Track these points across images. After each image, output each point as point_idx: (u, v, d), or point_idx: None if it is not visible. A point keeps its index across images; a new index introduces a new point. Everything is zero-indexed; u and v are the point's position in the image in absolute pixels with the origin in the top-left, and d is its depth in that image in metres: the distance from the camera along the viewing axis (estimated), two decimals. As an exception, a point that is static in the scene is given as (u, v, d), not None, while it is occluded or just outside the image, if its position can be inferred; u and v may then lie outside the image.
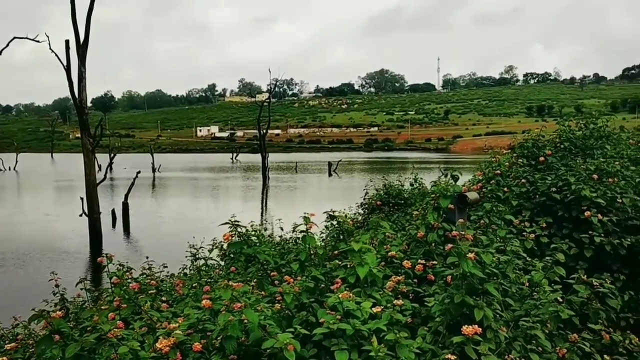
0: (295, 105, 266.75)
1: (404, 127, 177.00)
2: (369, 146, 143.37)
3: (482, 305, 2.69)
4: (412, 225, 3.97)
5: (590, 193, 5.08)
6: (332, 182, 53.47)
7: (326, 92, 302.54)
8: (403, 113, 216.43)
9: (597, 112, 9.82)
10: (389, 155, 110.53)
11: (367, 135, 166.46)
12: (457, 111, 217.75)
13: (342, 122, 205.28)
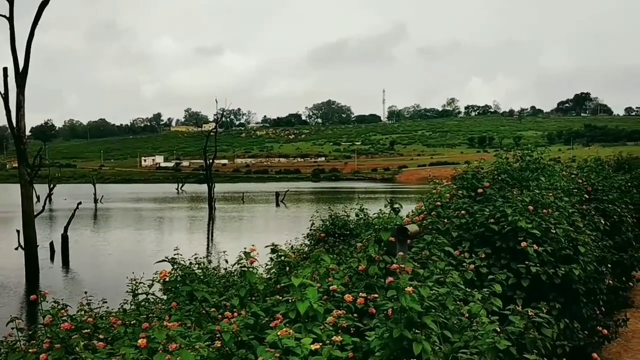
0: (242, 135, 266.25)
1: (351, 157, 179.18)
2: (317, 176, 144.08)
3: (421, 338, 2.72)
4: (354, 259, 3.99)
5: (526, 224, 5.24)
6: (280, 212, 53.33)
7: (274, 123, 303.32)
8: (350, 143, 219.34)
9: (534, 143, 10.25)
10: (337, 185, 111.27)
11: (315, 165, 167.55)
12: (402, 142, 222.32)
13: (290, 152, 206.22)
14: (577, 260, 5.40)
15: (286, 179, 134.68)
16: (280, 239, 15.63)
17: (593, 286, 5.84)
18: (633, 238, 8.73)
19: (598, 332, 5.73)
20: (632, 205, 11.72)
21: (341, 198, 61.29)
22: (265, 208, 58.31)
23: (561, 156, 11.25)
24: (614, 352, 6.43)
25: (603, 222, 7.32)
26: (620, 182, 9.74)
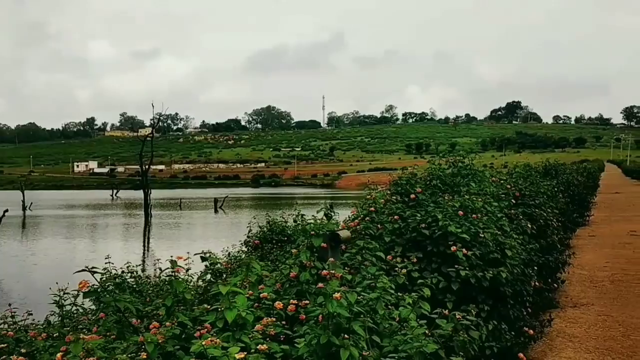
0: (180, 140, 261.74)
1: (291, 163, 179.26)
2: (256, 182, 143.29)
3: (348, 344, 2.72)
4: (285, 265, 3.97)
5: (455, 229, 5.36)
6: (218, 219, 52.66)
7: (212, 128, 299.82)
8: (290, 149, 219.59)
9: (468, 150, 10.56)
10: (276, 191, 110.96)
11: (254, 171, 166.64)
12: (341, 148, 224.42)
13: (229, 158, 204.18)
14: (504, 263, 5.57)
15: (225, 185, 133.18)
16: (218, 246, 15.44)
17: (520, 288, 6.03)
18: (558, 241, 9.12)
19: (524, 332, 5.92)
20: (558, 209, 12.26)
21: (281, 204, 61.18)
22: (204, 214, 57.43)
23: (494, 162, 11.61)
24: (539, 352, 6.66)
25: (530, 226, 7.60)
26: (546, 188, 10.15)
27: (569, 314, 8.31)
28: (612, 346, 6.85)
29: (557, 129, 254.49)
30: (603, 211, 24.06)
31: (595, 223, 19.96)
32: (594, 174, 38.01)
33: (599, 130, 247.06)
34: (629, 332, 7.35)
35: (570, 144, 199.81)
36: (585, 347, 6.83)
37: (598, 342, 7.01)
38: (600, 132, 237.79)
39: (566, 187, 16.76)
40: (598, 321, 7.92)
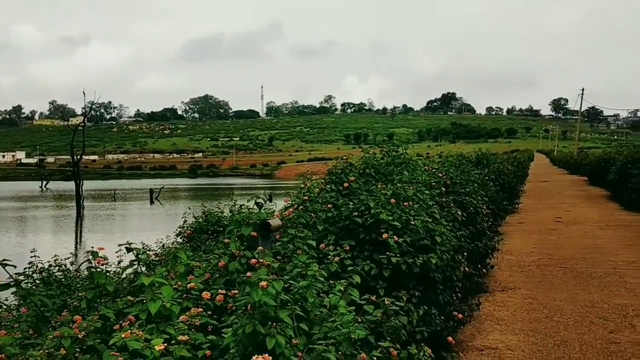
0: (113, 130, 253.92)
1: (229, 153, 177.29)
2: (194, 172, 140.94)
3: (274, 333, 2.71)
4: (214, 255, 3.91)
5: (387, 216, 5.44)
6: (154, 210, 51.56)
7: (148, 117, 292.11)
8: (228, 139, 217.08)
9: (405, 140, 10.79)
10: (214, 182, 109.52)
11: (192, 161, 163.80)
12: (281, 138, 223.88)
13: (165, 148, 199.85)
14: (434, 250, 5.69)
15: (161, 176, 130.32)
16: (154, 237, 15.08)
17: (450, 274, 6.19)
18: (487, 228, 9.42)
19: (454, 317, 6.09)
20: (488, 197, 12.65)
21: (219, 195, 60.40)
22: (139, 206, 56.06)
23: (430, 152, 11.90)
24: (468, 335, 6.87)
25: (460, 214, 7.80)
26: (476, 176, 10.45)
27: (497, 297, 8.62)
28: (536, 327, 7.14)
29: (490, 120, 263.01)
30: (531, 199, 25.05)
31: (524, 210, 20.76)
32: (524, 164, 39.52)
33: (529, 121, 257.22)
34: (552, 314, 7.69)
35: (502, 134, 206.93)
36: (511, 329, 7.10)
37: (523, 324, 7.30)
38: (530, 123, 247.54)
39: (497, 176, 17.32)
40: (524, 304, 8.24)
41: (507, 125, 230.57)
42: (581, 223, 17.10)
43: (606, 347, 6.38)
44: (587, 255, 11.82)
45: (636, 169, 21.11)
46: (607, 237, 14.42)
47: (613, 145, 34.46)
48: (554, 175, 47.82)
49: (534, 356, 6.16)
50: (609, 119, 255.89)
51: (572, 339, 6.67)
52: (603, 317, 7.53)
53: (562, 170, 58.03)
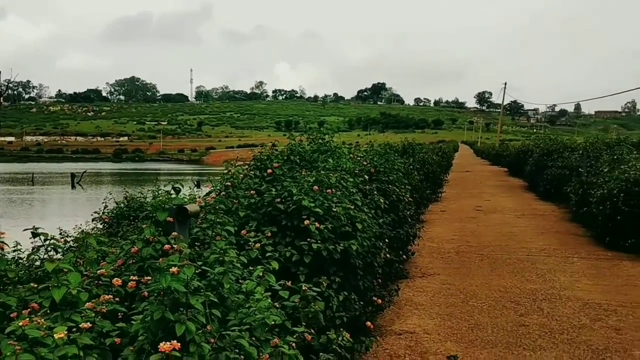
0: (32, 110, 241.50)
1: (156, 137, 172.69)
2: (118, 156, 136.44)
3: (184, 319, 2.66)
4: (127, 241, 3.80)
5: (309, 203, 5.46)
6: (76, 195, 49.63)
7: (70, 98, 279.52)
8: (155, 123, 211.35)
9: (336, 128, 10.85)
10: (140, 167, 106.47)
11: (116, 145, 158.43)
12: (210, 123, 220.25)
13: (88, 131, 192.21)
14: (355, 236, 5.76)
15: (84, 159, 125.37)
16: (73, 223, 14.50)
17: (370, 260, 6.30)
18: (409, 215, 9.64)
19: (373, 302, 6.21)
20: (412, 186, 12.94)
21: (144, 180, 58.76)
22: (59, 190, 53.80)
23: (360, 141, 12.06)
24: (388, 320, 7.04)
25: (383, 201, 7.94)
26: (400, 165, 10.65)
27: (417, 283, 8.87)
28: (452, 312, 7.41)
29: (418, 110, 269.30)
30: (454, 188, 25.89)
31: (446, 199, 21.43)
32: (449, 154, 40.77)
33: (455, 113, 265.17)
34: (468, 299, 8.00)
35: (429, 125, 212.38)
36: (429, 314, 7.33)
37: (441, 309, 7.55)
38: (456, 114, 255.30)
39: (421, 166, 17.75)
40: (442, 289, 8.52)
41: (434, 116, 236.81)
42: (500, 212, 17.84)
43: (516, 330, 6.71)
44: (503, 243, 12.36)
45: (551, 160, 22.22)
46: (522, 225, 15.12)
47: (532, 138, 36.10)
48: (477, 166, 49.60)
49: (449, 339, 6.39)
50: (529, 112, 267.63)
51: (485, 323, 6.96)
52: (515, 301, 7.90)
53: (485, 161, 60.26)
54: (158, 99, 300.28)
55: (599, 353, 5.97)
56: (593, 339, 6.40)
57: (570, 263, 10.36)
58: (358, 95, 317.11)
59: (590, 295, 8.18)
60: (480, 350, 6.05)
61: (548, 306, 7.64)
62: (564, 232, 14.01)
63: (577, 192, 15.65)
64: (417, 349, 6.09)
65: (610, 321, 7.03)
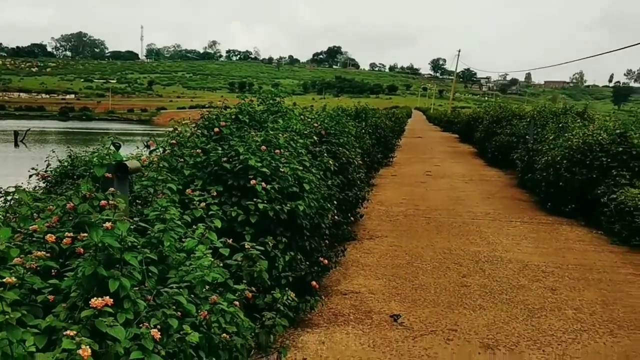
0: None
1: (105, 96, 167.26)
2: (65, 115, 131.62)
3: (118, 275, 2.59)
4: (62, 197, 3.66)
5: (256, 163, 5.40)
6: (19, 153, 47.81)
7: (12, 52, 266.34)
8: (103, 81, 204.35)
9: (290, 91, 10.70)
10: (88, 126, 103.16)
11: (63, 102, 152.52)
12: (161, 82, 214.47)
13: (33, 87, 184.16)
14: (302, 197, 5.75)
15: (28, 117, 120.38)
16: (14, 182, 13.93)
17: (318, 221, 6.31)
18: (359, 178, 9.69)
19: (320, 262, 6.25)
20: (363, 150, 13.01)
21: (92, 139, 57.05)
22: (2, 149, 51.71)
23: (314, 105, 11.97)
24: (334, 280, 7.11)
25: (332, 163, 7.94)
26: (351, 128, 10.65)
27: (365, 245, 8.98)
28: (397, 273, 7.54)
29: (373, 75, 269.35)
30: (406, 153, 26.20)
31: (397, 164, 21.67)
32: (402, 120, 41.08)
33: (410, 79, 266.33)
34: (413, 260, 8.15)
35: (383, 90, 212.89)
36: (375, 275, 7.45)
37: (387, 270, 7.68)
38: (411, 81, 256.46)
39: (374, 130, 17.85)
40: (389, 251, 8.66)
41: (388, 82, 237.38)
42: (448, 177, 18.17)
43: (458, 290, 6.89)
44: (450, 207, 12.61)
45: (500, 128, 22.69)
46: (469, 190, 15.46)
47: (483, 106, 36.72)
48: (429, 132, 50.26)
49: (393, 299, 6.51)
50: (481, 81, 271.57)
51: (428, 283, 7.13)
52: (458, 262, 8.10)
53: (437, 127, 61.09)
54: (107, 56, 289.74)
55: (534, 312, 6.20)
56: (530, 298, 6.65)
57: (513, 227, 10.68)
58: (313, 59, 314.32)
59: (530, 257, 8.47)
60: (423, 309, 6.20)
61: (489, 268, 7.88)
62: (509, 197, 14.40)
63: (523, 158, 16.08)
64: (361, 308, 6.19)
65: (547, 282, 7.31)
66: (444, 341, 5.37)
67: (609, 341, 5.48)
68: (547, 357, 5.06)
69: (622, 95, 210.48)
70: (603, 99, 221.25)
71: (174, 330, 2.68)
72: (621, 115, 15.29)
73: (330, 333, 5.50)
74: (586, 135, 11.89)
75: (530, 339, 5.47)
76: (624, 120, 13.73)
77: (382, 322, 5.79)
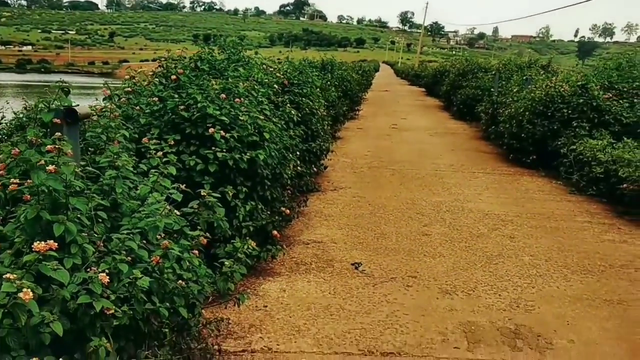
0: None
1: (64, 47, 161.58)
2: (22, 67, 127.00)
3: (63, 219, 2.51)
4: (7, 144, 3.52)
5: (214, 111, 5.27)
6: (-26, 106, 46.10)
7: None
8: (62, 32, 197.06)
9: (257, 44, 10.45)
10: (47, 79, 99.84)
11: (19, 54, 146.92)
12: (123, 34, 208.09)
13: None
14: (263, 146, 5.68)
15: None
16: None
17: (279, 171, 6.26)
18: (322, 129, 9.62)
19: (282, 212, 6.24)
20: (328, 102, 12.90)
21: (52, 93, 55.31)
22: (-45, 102, 49.79)
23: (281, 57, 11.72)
24: (297, 230, 7.12)
25: (295, 113, 7.84)
26: (315, 79, 10.49)
27: (328, 196, 8.99)
28: (360, 222, 7.60)
29: (341, 28, 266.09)
30: (372, 107, 26.14)
31: (364, 117, 21.63)
32: (369, 73, 40.80)
33: (378, 32, 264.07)
34: (376, 211, 8.21)
35: (351, 44, 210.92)
36: (337, 224, 7.48)
37: (349, 220, 7.72)
38: (379, 34, 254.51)
39: (340, 82, 17.69)
40: (352, 202, 8.69)
41: (356, 35, 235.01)
42: (414, 130, 18.25)
43: (419, 239, 6.99)
44: (414, 159, 12.70)
45: (465, 81, 22.75)
46: (434, 143, 15.57)
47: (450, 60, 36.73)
48: (396, 86, 50.18)
49: (355, 248, 6.57)
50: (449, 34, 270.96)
51: (390, 232, 7.20)
52: (420, 212, 8.19)
53: (404, 81, 61.01)
54: (65, 5, 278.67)
55: (492, 258, 6.34)
56: (489, 246, 6.79)
57: (475, 178, 10.82)
58: (280, 10, 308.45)
59: (490, 207, 8.62)
60: (384, 257, 6.27)
61: (451, 217, 7.99)
62: (473, 149, 14.56)
63: (488, 111, 16.20)
64: (323, 256, 6.23)
65: (506, 230, 7.46)
66: (403, 287, 5.46)
67: (563, 285, 5.65)
68: (502, 301, 5.20)
69: (586, 50, 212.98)
70: (568, 53, 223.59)
71: (125, 276, 2.63)
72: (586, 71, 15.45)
73: (292, 281, 5.53)
74: (549, 87, 12.00)
75: (488, 284, 5.60)
76: (587, 73, 13.89)
77: (343, 270, 5.84)
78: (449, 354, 4.21)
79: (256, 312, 4.80)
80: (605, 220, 8.13)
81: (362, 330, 4.53)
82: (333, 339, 4.38)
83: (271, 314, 4.77)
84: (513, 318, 4.86)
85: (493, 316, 4.88)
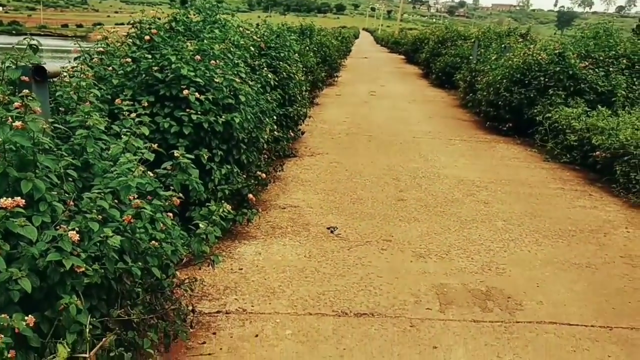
0: None
1: (36, 9, 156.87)
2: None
3: (31, 176, 2.47)
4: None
5: (189, 72, 5.19)
6: (-57, 69, 44.74)
7: None
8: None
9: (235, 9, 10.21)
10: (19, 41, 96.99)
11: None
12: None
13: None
14: (238, 109, 5.62)
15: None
16: None
17: (256, 135, 6.23)
18: (300, 94, 9.55)
19: (258, 176, 6.23)
20: (306, 67, 12.79)
21: (24, 55, 53.86)
22: None
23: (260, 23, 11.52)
24: (273, 195, 7.12)
25: (272, 77, 7.76)
26: (293, 44, 10.37)
27: (305, 161, 8.98)
28: (336, 187, 7.62)
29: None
30: (351, 73, 25.97)
31: (342, 84, 21.48)
32: (348, 39, 40.42)
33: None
34: (352, 176, 8.23)
35: (331, 10, 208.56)
36: (314, 189, 7.49)
37: (326, 185, 7.73)
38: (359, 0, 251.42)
39: (319, 48, 17.52)
40: (329, 167, 8.70)
41: (336, 0, 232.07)
42: (392, 97, 18.20)
43: (394, 204, 7.04)
44: (392, 126, 12.71)
45: (445, 48, 22.70)
46: (412, 110, 15.58)
47: (430, 27, 36.52)
48: (375, 53, 49.86)
49: (330, 212, 6.60)
50: (429, 2, 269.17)
51: (366, 197, 7.24)
52: (396, 178, 8.24)
53: (384, 48, 60.60)
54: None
55: (466, 223, 6.43)
56: (463, 211, 6.87)
57: (452, 145, 10.89)
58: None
59: (465, 173, 8.70)
60: (359, 222, 6.32)
61: (426, 183, 8.05)
62: (451, 117, 14.61)
63: (466, 79, 16.23)
64: (299, 221, 6.25)
65: (480, 196, 7.55)
66: (378, 251, 5.52)
67: (534, 249, 5.77)
68: (475, 264, 5.29)
69: (565, 20, 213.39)
70: (547, 23, 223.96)
71: (96, 234, 2.61)
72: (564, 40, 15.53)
73: (267, 245, 5.55)
74: (527, 55, 12.03)
75: (461, 248, 5.69)
76: (564, 42, 13.94)
77: (318, 234, 5.88)
78: (421, 315, 4.28)
79: (231, 275, 4.82)
80: (578, 187, 8.27)
81: (336, 292, 4.58)
82: (307, 300, 4.43)
83: (246, 277, 4.80)
84: (485, 280, 4.95)
85: (465, 279, 4.97)
